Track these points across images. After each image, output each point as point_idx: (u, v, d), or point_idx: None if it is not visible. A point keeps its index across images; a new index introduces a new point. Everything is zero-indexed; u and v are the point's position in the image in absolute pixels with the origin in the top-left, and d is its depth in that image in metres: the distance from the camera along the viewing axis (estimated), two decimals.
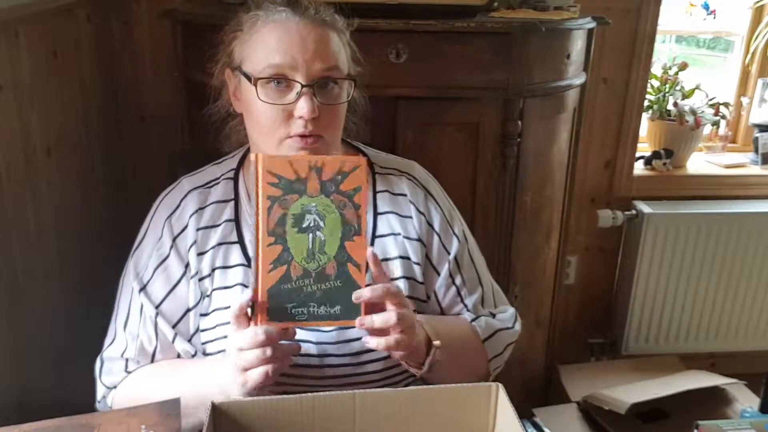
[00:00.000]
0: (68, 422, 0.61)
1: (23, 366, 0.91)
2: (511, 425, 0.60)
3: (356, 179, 0.66)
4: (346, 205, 0.66)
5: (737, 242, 1.73)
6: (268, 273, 0.65)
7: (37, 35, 0.97)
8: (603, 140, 1.69)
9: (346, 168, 0.66)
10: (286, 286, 0.65)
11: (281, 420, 0.61)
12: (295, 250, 0.66)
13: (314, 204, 0.66)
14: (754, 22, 1.80)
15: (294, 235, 0.65)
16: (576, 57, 1.26)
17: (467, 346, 0.82)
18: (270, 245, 0.65)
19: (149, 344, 0.78)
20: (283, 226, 0.65)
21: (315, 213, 0.66)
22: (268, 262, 0.65)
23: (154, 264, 0.79)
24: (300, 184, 0.66)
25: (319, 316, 0.66)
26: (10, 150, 0.89)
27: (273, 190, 0.66)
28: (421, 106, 1.13)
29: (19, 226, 0.91)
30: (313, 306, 0.66)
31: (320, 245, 0.66)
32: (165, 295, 0.78)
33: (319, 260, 0.66)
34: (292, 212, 0.65)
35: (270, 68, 0.72)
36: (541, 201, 1.30)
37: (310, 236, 0.66)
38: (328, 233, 0.66)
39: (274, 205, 0.65)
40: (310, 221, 0.66)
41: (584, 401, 1.45)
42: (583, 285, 1.84)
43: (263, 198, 0.65)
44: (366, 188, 0.66)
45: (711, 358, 1.87)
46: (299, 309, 0.66)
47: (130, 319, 0.79)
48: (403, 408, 0.63)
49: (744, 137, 1.92)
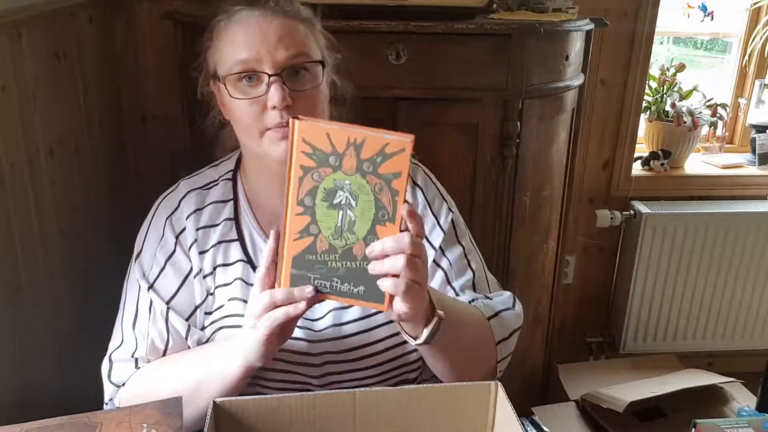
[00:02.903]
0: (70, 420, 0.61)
1: (26, 364, 0.91)
2: (510, 424, 0.60)
3: (398, 163, 0.60)
4: (383, 188, 0.60)
5: (734, 242, 1.74)
6: (293, 241, 0.62)
7: (39, 36, 0.97)
8: (601, 141, 1.70)
9: (389, 149, 0.60)
10: (311, 257, 0.62)
11: (282, 418, 0.61)
12: (323, 225, 0.62)
13: (348, 182, 0.61)
14: (751, 24, 1.81)
15: (323, 210, 0.61)
16: (574, 58, 1.27)
17: (473, 323, 0.77)
18: (298, 215, 0.62)
19: (161, 341, 0.78)
20: (313, 198, 0.62)
21: (347, 191, 0.61)
22: (295, 230, 0.62)
23: (161, 261, 0.79)
24: (335, 159, 0.60)
25: (342, 293, 0.63)
26: (13, 150, 0.89)
27: (306, 160, 0.61)
28: (421, 106, 1.13)
29: (22, 225, 0.92)
30: (337, 281, 0.62)
31: (349, 224, 0.62)
32: (176, 290, 0.78)
33: (346, 239, 0.62)
34: (324, 186, 0.61)
35: (237, 65, 0.73)
36: (540, 201, 1.31)
37: (340, 213, 0.62)
38: (359, 213, 0.61)
39: (306, 176, 0.61)
40: (341, 198, 0.61)
41: (583, 400, 1.45)
42: (582, 284, 1.84)
43: (296, 166, 0.61)
44: (407, 174, 0.60)
45: (709, 357, 1.88)
46: (322, 281, 0.63)
47: (138, 318, 0.79)
48: (402, 406, 0.63)
49: (741, 138, 1.93)
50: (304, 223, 0.62)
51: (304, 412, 0.61)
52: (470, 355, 0.76)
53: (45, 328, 0.98)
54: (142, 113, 1.44)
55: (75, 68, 1.13)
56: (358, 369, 0.77)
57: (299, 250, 0.63)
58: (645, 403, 1.35)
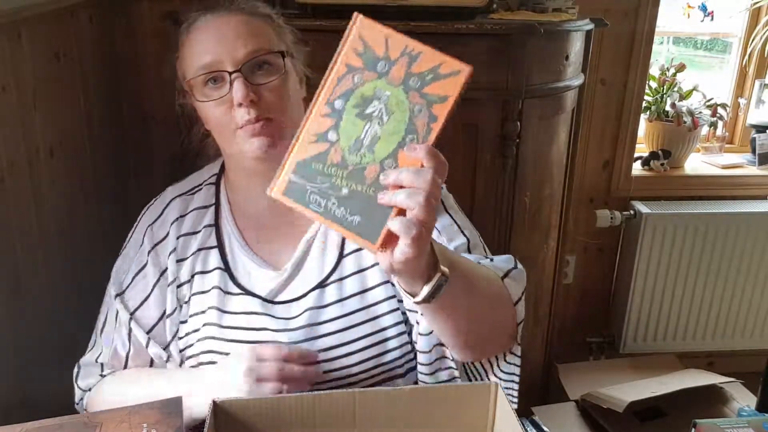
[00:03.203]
0: (70, 420, 0.61)
1: (25, 365, 0.91)
2: (510, 424, 0.60)
3: (448, 87, 0.54)
4: (422, 110, 0.54)
5: (734, 242, 1.74)
6: (308, 143, 0.56)
7: (39, 37, 0.97)
8: (601, 141, 1.70)
9: (444, 69, 0.54)
10: (318, 166, 0.56)
11: (282, 418, 0.61)
12: (344, 133, 0.56)
13: (388, 93, 0.55)
14: (752, 24, 1.81)
15: (351, 117, 0.56)
16: (574, 58, 1.27)
17: (485, 281, 0.70)
18: (324, 115, 0.56)
19: (122, 348, 0.80)
20: (344, 101, 0.56)
21: (384, 103, 0.55)
22: (313, 132, 0.56)
23: (134, 271, 0.80)
24: (384, 65, 0.55)
25: (334, 217, 0.55)
26: (13, 150, 0.89)
27: (355, 58, 0.56)
28: None
29: (22, 225, 0.92)
30: (334, 202, 0.55)
31: (372, 140, 0.55)
32: (140, 303, 0.79)
33: (363, 156, 0.55)
34: (362, 92, 0.55)
35: (200, 70, 0.72)
36: (540, 201, 1.31)
37: (367, 126, 0.55)
38: (387, 132, 0.55)
39: (348, 76, 0.56)
40: (375, 110, 0.55)
41: (583, 400, 1.45)
42: (582, 284, 1.84)
43: (341, 62, 0.56)
44: (453, 103, 0.54)
45: (709, 357, 1.88)
46: (317, 198, 0.56)
47: (106, 325, 0.81)
48: (403, 406, 0.63)
49: (741, 138, 1.93)
50: (326, 126, 0.56)
51: (304, 411, 0.61)
52: (484, 317, 0.70)
53: (45, 327, 0.98)
54: (142, 113, 1.44)
55: (75, 68, 1.13)
56: (335, 369, 0.75)
57: (309, 155, 0.56)
58: (645, 403, 1.35)
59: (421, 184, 0.52)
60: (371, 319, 0.76)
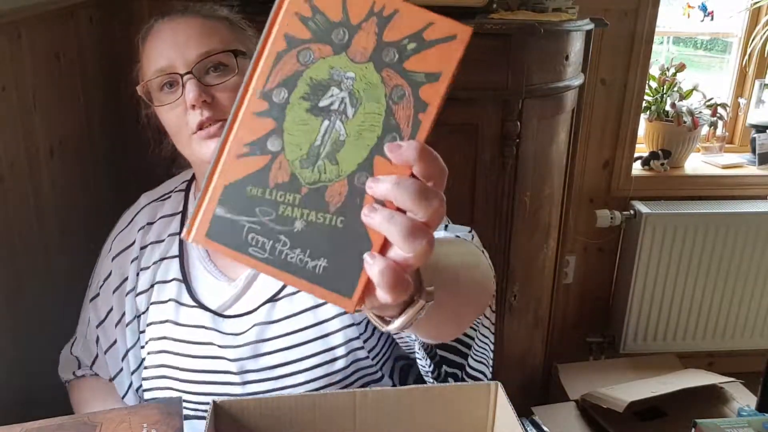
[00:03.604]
0: (70, 420, 0.61)
1: (25, 364, 0.91)
2: (510, 424, 0.60)
3: (440, 58, 0.37)
4: (405, 95, 0.37)
5: (734, 242, 1.74)
6: (236, 159, 0.39)
7: (39, 37, 0.97)
8: (601, 141, 1.70)
9: (432, 34, 0.37)
10: (254, 191, 0.38)
11: (282, 418, 0.61)
12: (291, 139, 0.38)
13: (352, 75, 0.37)
14: (752, 24, 1.81)
15: (299, 114, 0.38)
16: (574, 58, 1.27)
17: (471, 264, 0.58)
18: (257, 115, 0.38)
19: (94, 347, 0.82)
20: (287, 92, 0.38)
21: (347, 90, 0.38)
22: (244, 141, 0.39)
23: (101, 280, 0.81)
24: (342, 33, 0.38)
25: (286, 265, 0.38)
26: (13, 151, 0.89)
27: (298, 26, 0.38)
28: None
29: (22, 226, 0.92)
30: (284, 243, 0.38)
31: (333, 146, 0.38)
32: (106, 314, 0.80)
33: (322, 171, 0.38)
34: (313, 75, 0.38)
35: (154, 74, 0.71)
36: (540, 201, 1.31)
37: (325, 125, 0.38)
38: (356, 131, 0.37)
39: (289, 53, 0.38)
40: (334, 100, 0.38)
41: (583, 400, 1.45)
42: (582, 284, 1.84)
43: (277, 34, 0.38)
44: (449, 82, 0.37)
45: (709, 357, 1.88)
46: (259, 238, 0.38)
47: (81, 322, 0.84)
48: (402, 406, 0.63)
49: (741, 138, 1.93)
50: (262, 131, 0.38)
51: (304, 412, 0.61)
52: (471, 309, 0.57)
53: (45, 327, 0.98)
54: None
55: (75, 68, 1.13)
56: (280, 388, 0.72)
57: (240, 176, 0.39)
58: (645, 403, 1.35)
59: (413, 204, 0.35)
60: (321, 336, 0.71)
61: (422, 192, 0.36)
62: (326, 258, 0.38)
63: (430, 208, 0.36)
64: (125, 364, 0.79)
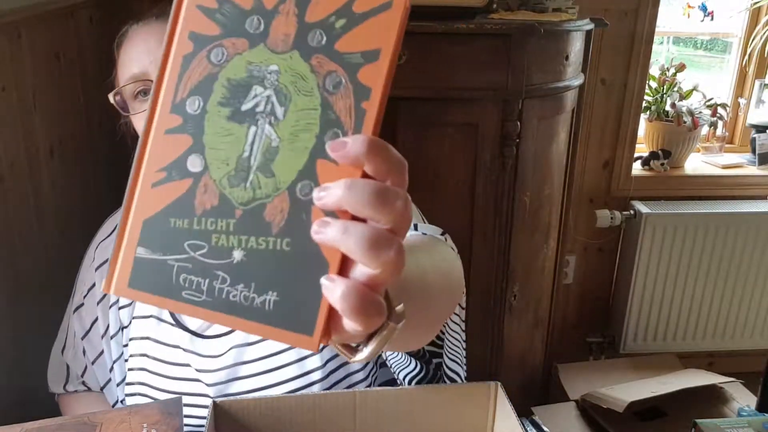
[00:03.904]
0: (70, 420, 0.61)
1: (25, 365, 0.91)
2: (510, 424, 0.60)
3: (377, 32, 0.31)
4: (342, 83, 0.31)
5: (734, 242, 1.74)
6: (151, 187, 0.33)
7: (39, 36, 0.97)
8: (601, 141, 1.70)
9: (364, 5, 0.31)
10: (180, 224, 0.32)
11: (282, 419, 0.61)
12: (214, 154, 0.32)
13: (275, 67, 0.32)
14: (752, 24, 1.81)
15: (219, 123, 0.32)
16: (574, 58, 1.27)
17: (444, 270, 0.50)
18: (171, 132, 0.33)
19: (82, 357, 0.81)
20: (203, 100, 0.32)
21: (271, 86, 0.32)
22: (158, 165, 0.33)
23: (85, 290, 0.80)
24: (256, 21, 0.32)
25: (229, 306, 0.32)
26: (13, 151, 0.89)
27: (203, 21, 0.33)
28: (421, 106, 1.13)
29: (22, 226, 0.92)
30: (223, 279, 0.32)
31: (266, 155, 0.32)
32: (90, 325, 0.79)
33: (255, 185, 0.32)
34: (229, 75, 0.32)
35: (128, 81, 0.69)
36: (540, 201, 1.31)
37: (252, 131, 0.32)
38: (289, 134, 0.31)
39: (198, 55, 0.33)
40: (258, 101, 0.32)
41: (583, 400, 1.45)
42: (582, 284, 1.84)
43: (180, 36, 0.33)
44: (391, 60, 0.31)
45: (709, 357, 1.88)
46: (192, 278, 0.32)
47: (62, 330, 0.83)
48: (403, 407, 0.63)
49: (741, 138, 1.93)
50: (178, 150, 0.32)
51: (305, 412, 0.61)
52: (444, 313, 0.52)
53: (45, 327, 0.98)
54: None
55: (75, 68, 1.13)
56: None
57: (159, 207, 0.33)
58: (645, 403, 1.35)
59: (372, 209, 0.29)
60: (298, 360, 0.68)
61: (380, 193, 0.29)
62: (275, 290, 0.31)
63: (393, 211, 0.29)
64: (112, 375, 0.78)
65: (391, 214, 0.30)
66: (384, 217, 0.30)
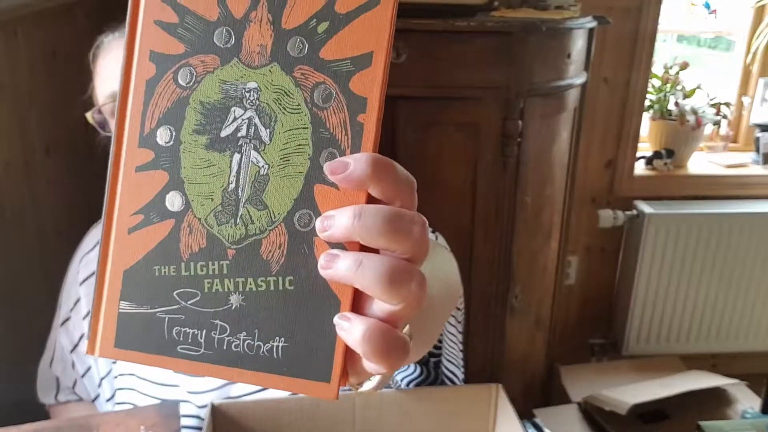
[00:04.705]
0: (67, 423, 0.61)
1: (22, 366, 0.90)
2: (512, 426, 0.60)
3: (368, 32, 0.28)
4: (332, 95, 0.28)
5: (738, 242, 1.72)
6: (127, 233, 0.29)
7: (36, 35, 0.97)
8: (604, 140, 1.69)
9: (348, 3, 0.28)
10: (166, 271, 0.29)
11: (281, 420, 0.61)
12: (195, 189, 0.29)
13: (253, 83, 0.28)
14: (756, 22, 1.79)
15: (198, 153, 0.29)
16: (576, 56, 1.26)
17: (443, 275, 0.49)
18: (142, 169, 0.29)
19: (71, 371, 0.79)
20: (175, 129, 0.29)
21: (252, 107, 0.28)
22: (132, 208, 0.29)
23: (71, 304, 0.79)
24: (225, 34, 0.28)
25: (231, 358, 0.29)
26: (9, 150, 0.89)
27: (164, 40, 0.29)
28: (422, 105, 1.12)
29: (18, 225, 0.91)
30: (224, 331, 0.29)
31: (256, 184, 0.29)
32: (79, 339, 0.78)
33: (246, 220, 0.29)
34: (200, 98, 0.29)
35: (107, 99, 0.65)
36: (542, 201, 1.30)
37: (236, 159, 0.29)
38: (279, 159, 0.28)
39: (163, 79, 0.29)
40: (239, 125, 0.29)
41: (585, 402, 1.44)
42: (584, 285, 1.83)
43: (139, 58, 0.29)
44: (385, 59, 0.28)
45: (712, 359, 1.87)
46: (187, 331, 0.29)
47: (49, 343, 0.81)
48: (403, 409, 0.62)
49: (745, 137, 1.92)
50: (154, 189, 0.29)
51: (304, 414, 0.61)
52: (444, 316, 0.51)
53: (41, 328, 0.97)
54: None
55: (72, 66, 1.12)
56: None
57: (139, 255, 0.29)
58: (648, 406, 1.34)
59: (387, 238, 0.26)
60: None
61: (395, 219, 0.26)
62: (282, 336, 0.28)
63: (410, 238, 0.26)
64: (101, 390, 0.77)
65: (409, 241, 0.26)
66: (401, 246, 0.26)
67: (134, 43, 0.29)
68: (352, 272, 0.26)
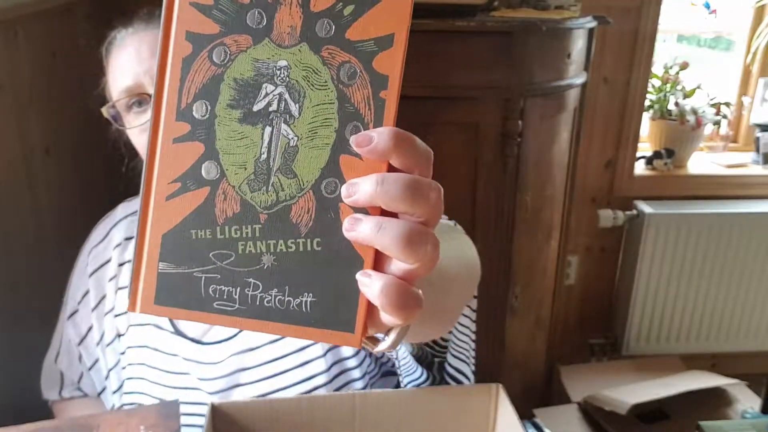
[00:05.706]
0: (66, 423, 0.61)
1: (22, 366, 0.90)
2: (512, 426, 0.60)
3: (390, 15, 0.30)
4: (357, 73, 0.30)
5: (738, 242, 1.73)
6: (165, 200, 0.32)
7: (36, 35, 0.97)
8: (604, 140, 1.69)
9: None
10: (203, 234, 0.32)
11: (281, 420, 0.61)
12: (230, 159, 0.31)
13: (284, 63, 0.31)
14: (756, 22, 1.79)
15: (232, 126, 0.31)
16: (576, 56, 1.26)
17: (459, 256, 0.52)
18: (179, 140, 0.31)
19: (78, 364, 0.79)
20: (210, 104, 0.31)
21: (283, 83, 0.31)
22: (170, 177, 0.32)
23: (80, 296, 0.79)
24: (257, 15, 0.31)
25: (265, 312, 0.31)
26: (9, 150, 0.89)
27: (200, 21, 0.31)
28: (421, 105, 1.12)
29: (18, 226, 0.91)
30: (257, 288, 0.31)
31: (286, 155, 0.31)
32: (86, 332, 0.78)
33: (278, 188, 0.31)
34: (234, 75, 0.31)
35: (121, 94, 0.66)
36: (542, 201, 1.30)
37: (268, 132, 0.31)
38: (307, 132, 0.31)
39: (199, 56, 0.31)
40: (270, 100, 0.31)
41: (585, 402, 1.44)
42: (584, 285, 1.83)
43: (176, 37, 0.31)
44: (405, 40, 0.30)
45: (712, 359, 1.87)
46: (222, 288, 0.32)
47: (56, 336, 0.81)
48: (403, 409, 0.62)
49: (745, 137, 1.92)
50: (191, 159, 0.31)
51: (304, 414, 0.61)
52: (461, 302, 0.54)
53: (41, 328, 0.97)
54: None
55: (72, 66, 1.13)
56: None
57: (177, 220, 0.32)
58: (648, 406, 1.34)
59: (406, 203, 0.29)
60: (301, 364, 0.66)
61: (414, 186, 0.29)
62: (311, 291, 0.31)
63: (427, 204, 0.30)
64: (108, 383, 0.77)
65: (426, 206, 0.30)
66: (418, 210, 0.30)
67: (171, 24, 0.31)
68: (373, 234, 0.30)
